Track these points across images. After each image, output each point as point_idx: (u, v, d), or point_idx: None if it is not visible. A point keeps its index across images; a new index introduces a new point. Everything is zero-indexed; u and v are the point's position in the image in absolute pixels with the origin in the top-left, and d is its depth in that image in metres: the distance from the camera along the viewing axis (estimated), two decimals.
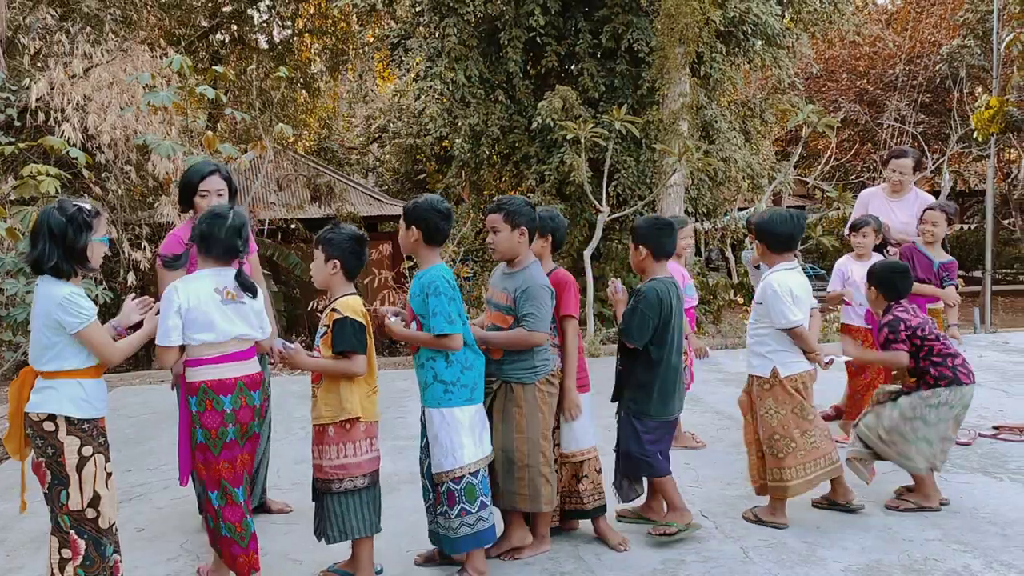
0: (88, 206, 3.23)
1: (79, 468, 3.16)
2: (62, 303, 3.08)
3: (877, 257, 5.87)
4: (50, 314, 3.09)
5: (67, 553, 3.17)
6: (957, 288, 5.76)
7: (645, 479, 4.30)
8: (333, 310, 3.52)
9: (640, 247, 4.17)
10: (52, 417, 3.13)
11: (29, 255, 3.19)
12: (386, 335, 3.72)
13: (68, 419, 3.14)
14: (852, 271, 5.84)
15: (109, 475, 3.27)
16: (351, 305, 3.52)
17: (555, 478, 3.94)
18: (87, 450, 3.18)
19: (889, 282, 4.63)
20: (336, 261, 3.57)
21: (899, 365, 4.52)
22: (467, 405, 3.67)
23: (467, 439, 3.64)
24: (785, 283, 4.26)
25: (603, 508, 4.17)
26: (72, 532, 3.17)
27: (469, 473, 3.64)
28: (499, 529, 3.98)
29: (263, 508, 4.66)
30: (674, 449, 5.69)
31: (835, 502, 4.51)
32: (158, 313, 3.38)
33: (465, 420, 3.65)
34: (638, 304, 4.05)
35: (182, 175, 4.49)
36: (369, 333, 3.55)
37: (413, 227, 3.70)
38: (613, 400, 4.29)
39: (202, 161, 4.63)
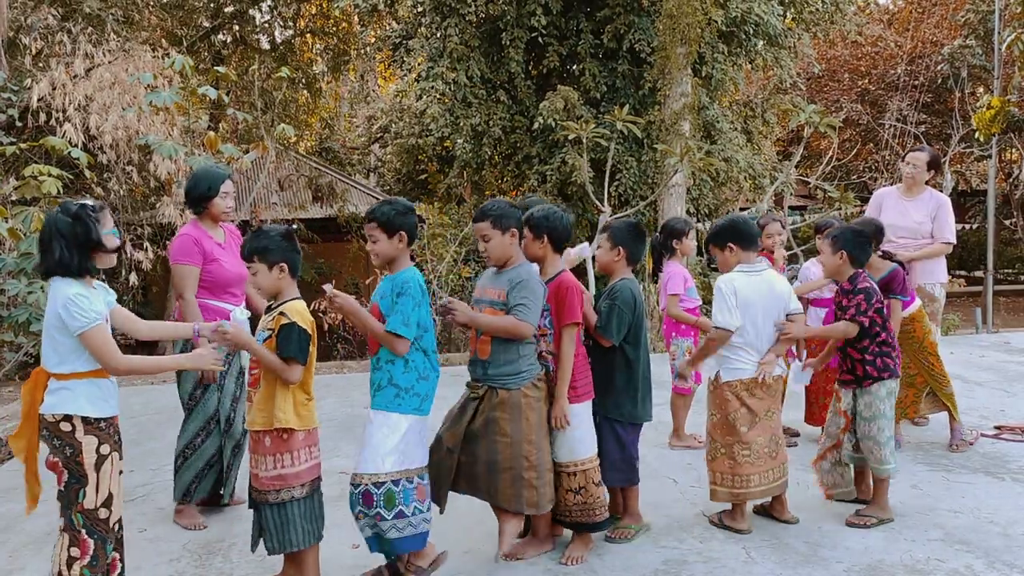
0: (91, 202, 3.25)
1: (97, 467, 3.18)
2: (66, 304, 3.08)
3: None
4: (57, 314, 3.10)
5: (75, 552, 3.19)
6: (904, 298, 5.26)
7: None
8: (281, 314, 3.44)
9: (618, 248, 4.21)
10: (68, 418, 3.14)
11: (42, 264, 3.18)
12: (336, 311, 3.60)
13: (85, 419, 3.15)
14: (813, 275, 5.83)
15: (120, 473, 3.29)
16: (300, 311, 3.46)
17: (543, 483, 3.83)
18: (105, 448, 3.20)
19: (859, 246, 4.48)
20: (282, 264, 3.50)
21: (848, 335, 4.42)
22: (413, 414, 3.60)
23: (400, 446, 3.56)
24: (730, 283, 4.23)
25: (607, 522, 4.07)
26: (83, 531, 3.18)
27: (392, 481, 3.55)
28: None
29: (232, 503, 4.82)
30: (676, 449, 5.72)
31: (769, 513, 4.46)
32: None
33: (404, 428, 3.58)
34: (615, 301, 4.06)
35: (197, 180, 4.65)
36: (313, 342, 3.50)
37: (400, 233, 3.61)
38: None
39: (212, 166, 4.83)
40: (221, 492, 4.74)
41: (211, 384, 4.51)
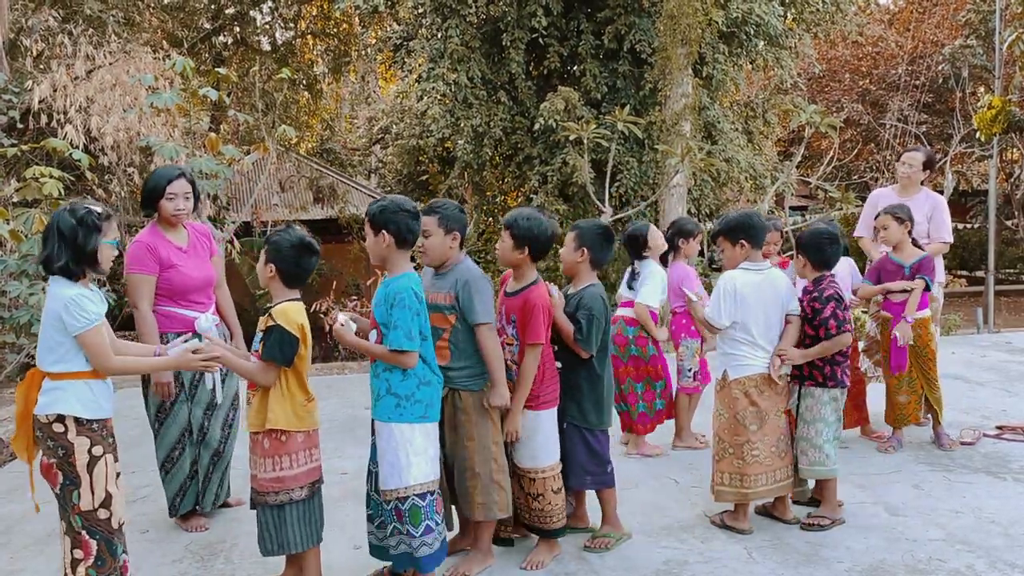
0: (99, 209, 3.24)
1: (90, 468, 3.17)
2: (67, 304, 3.09)
3: (845, 260, 5.81)
4: (57, 315, 3.11)
5: (79, 554, 3.19)
6: (929, 286, 5.38)
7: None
8: (269, 316, 3.42)
9: (582, 249, 4.07)
10: (61, 418, 3.14)
11: (40, 255, 3.20)
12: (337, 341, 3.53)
13: (77, 420, 3.15)
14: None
15: (118, 474, 3.29)
16: (287, 314, 3.40)
17: (509, 484, 3.82)
18: (97, 450, 3.19)
19: (818, 248, 4.42)
20: (272, 266, 3.47)
21: (845, 345, 4.32)
22: (419, 423, 3.49)
23: (416, 458, 3.46)
24: (731, 282, 4.22)
25: (564, 530, 4.01)
26: (84, 532, 3.18)
27: (415, 494, 3.47)
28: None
29: (225, 504, 4.79)
30: (679, 449, 5.72)
31: (771, 514, 4.45)
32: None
33: (416, 438, 3.47)
34: (592, 312, 3.96)
35: (148, 179, 4.48)
36: (305, 344, 3.44)
37: (383, 232, 3.48)
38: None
39: (168, 166, 4.67)
40: (198, 506, 4.59)
41: (179, 396, 4.40)
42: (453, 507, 3.92)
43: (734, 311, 4.20)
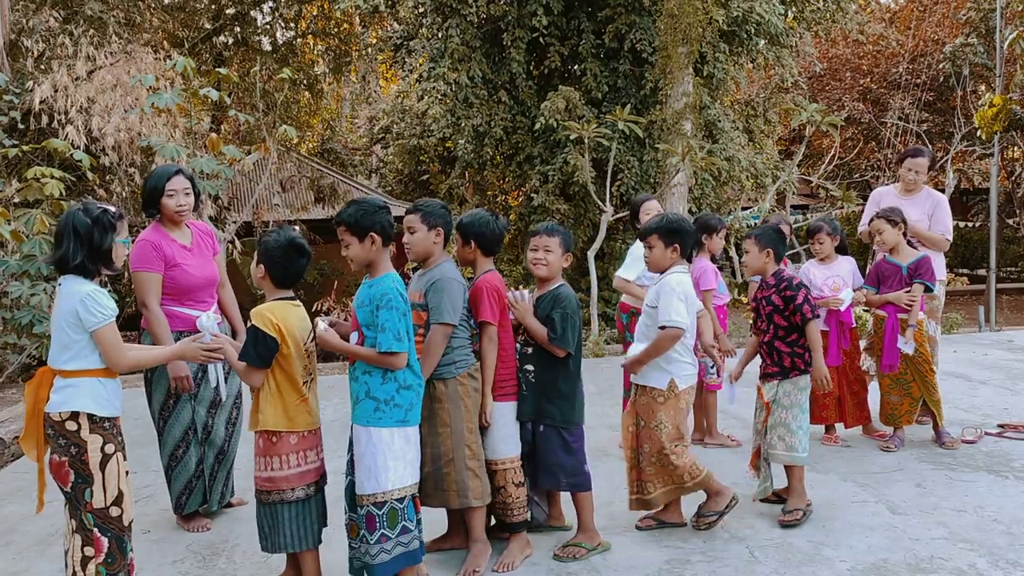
0: (113, 208, 3.28)
1: (102, 466, 3.19)
2: (83, 300, 3.11)
3: (846, 259, 5.82)
4: (73, 311, 3.12)
5: (89, 551, 3.20)
6: (930, 288, 5.48)
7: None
8: (249, 316, 3.44)
9: (569, 255, 4.16)
10: (75, 416, 3.15)
11: (54, 255, 3.22)
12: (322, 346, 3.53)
13: (91, 417, 3.17)
14: (813, 275, 5.78)
15: (127, 473, 3.30)
16: (263, 314, 3.39)
17: (484, 473, 3.84)
18: (109, 448, 3.21)
19: (780, 242, 4.56)
20: (263, 266, 3.48)
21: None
22: (398, 427, 3.46)
23: (393, 463, 3.43)
24: (683, 285, 4.17)
25: (525, 523, 4.03)
26: (96, 530, 3.20)
27: (394, 499, 3.45)
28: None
29: (228, 504, 4.80)
30: (710, 448, 5.69)
31: (664, 521, 4.39)
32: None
33: (395, 443, 3.44)
34: (567, 310, 4.00)
35: (146, 181, 4.49)
36: (286, 343, 3.40)
37: (371, 234, 3.46)
38: (526, 414, 4.08)
39: (166, 164, 4.69)
40: (205, 505, 4.61)
41: (183, 394, 4.40)
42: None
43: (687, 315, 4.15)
